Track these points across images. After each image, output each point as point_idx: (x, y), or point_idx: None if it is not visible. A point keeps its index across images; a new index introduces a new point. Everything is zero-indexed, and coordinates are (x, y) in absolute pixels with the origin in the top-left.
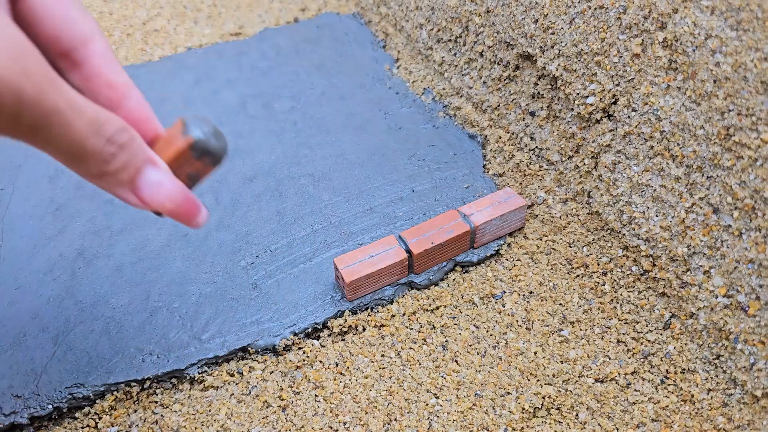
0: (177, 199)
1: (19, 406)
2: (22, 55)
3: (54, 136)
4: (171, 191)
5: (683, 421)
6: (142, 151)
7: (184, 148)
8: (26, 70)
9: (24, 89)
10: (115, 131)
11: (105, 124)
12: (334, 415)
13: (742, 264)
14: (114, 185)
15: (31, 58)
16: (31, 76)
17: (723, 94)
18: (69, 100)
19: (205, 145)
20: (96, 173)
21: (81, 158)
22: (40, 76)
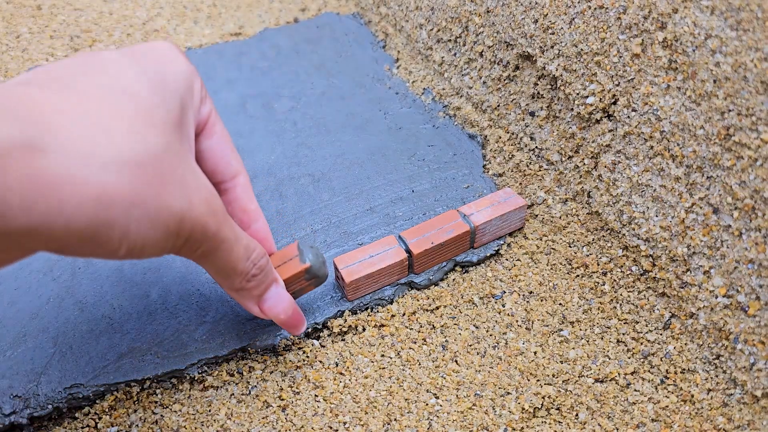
0: (289, 312)
1: (18, 406)
2: (211, 199)
3: (218, 258)
4: (286, 306)
5: (683, 421)
6: (271, 272)
7: (300, 272)
8: (213, 210)
9: (209, 225)
10: (257, 256)
11: (253, 251)
12: (334, 415)
13: (742, 264)
14: (246, 298)
15: (216, 200)
16: (215, 215)
17: (723, 94)
18: (234, 232)
19: (316, 272)
20: (237, 288)
21: (230, 276)
22: (220, 215)
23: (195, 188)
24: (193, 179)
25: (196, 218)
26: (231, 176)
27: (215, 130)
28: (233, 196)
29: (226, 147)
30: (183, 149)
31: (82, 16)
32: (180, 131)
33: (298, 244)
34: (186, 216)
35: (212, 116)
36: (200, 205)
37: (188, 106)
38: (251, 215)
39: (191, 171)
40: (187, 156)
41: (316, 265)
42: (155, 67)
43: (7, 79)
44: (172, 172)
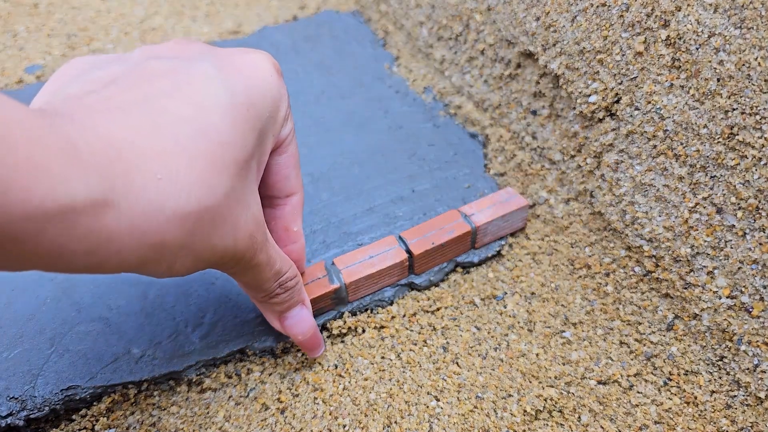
0: (308, 335)
1: (15, 408)
2: (255, 232)
3: (246, 277)
4: (306, 329)
5: (686, 423)
6: (299, 294)
7: (329, 292)
8: (253, 242)
9: (246, 256)
10: (286, 278)
11: (283, 274)
12: (334, 417)
13: (746, 264)
14: (268, 311)
15: (259, 231)
16: (254, 245)
17: (727, 93)
18: (269, 257)
19: (341, 293)
20: (260, 300)
21: (255, 291)
22: (260, 244)
23: (243, 224)
24: (244, 217)
25: (237, 251)
26: (286, 195)
27: (288, 148)
28: (281, 213)
29: (291, 166)
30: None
31: (79, 14)
32: (249, 167)
33: (327, 267)
34: (228, 250)
35: (290, 136)
36: (244, 240)
37: (269, 132)
38: (291, 236)
39: (246, 208)
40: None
41: (342, 289)
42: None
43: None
44: (228, 215)
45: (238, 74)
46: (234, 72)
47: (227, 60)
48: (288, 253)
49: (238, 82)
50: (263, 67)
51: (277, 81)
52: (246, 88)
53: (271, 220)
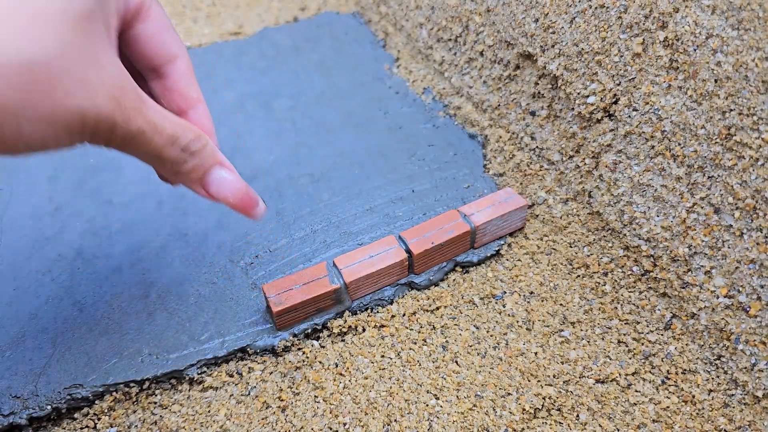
0: (238, 194)
1: (17, 407)
2: (117, 92)
3: (137, 148)
4: (234, 189)
5: (684, 422)
6: (212, 155)
7: (329, 291)
8: (121, 104)
9: (116, 119)
10: (189, 141)
11: (181, 137)
12: (334, 416)
13: (744, 264)
14: (187, 182)
15: (125, 93)
16: (123, 109)
17: (724, 94)
18: (151, 123)
19: (340, 294)
20: (172, 173)
21: (159, 162)
22: (130, 108)
23: (99, 83)
24: (96, 74)
25: (100, 113)
26: (167, 60)
27: (150, 14)
28: (171, 80)
29: (162, 31)
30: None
31: None
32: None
33: (326, 265)
34: (87, 112)
35: (147, 1)
36: (104, 100)
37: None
38: (189, 101)
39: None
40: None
41: (342, 289)
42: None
43: None
44: (72, 69)
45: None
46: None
47: None
48: (191, 120)
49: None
50: None
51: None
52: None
53: (165, 92)
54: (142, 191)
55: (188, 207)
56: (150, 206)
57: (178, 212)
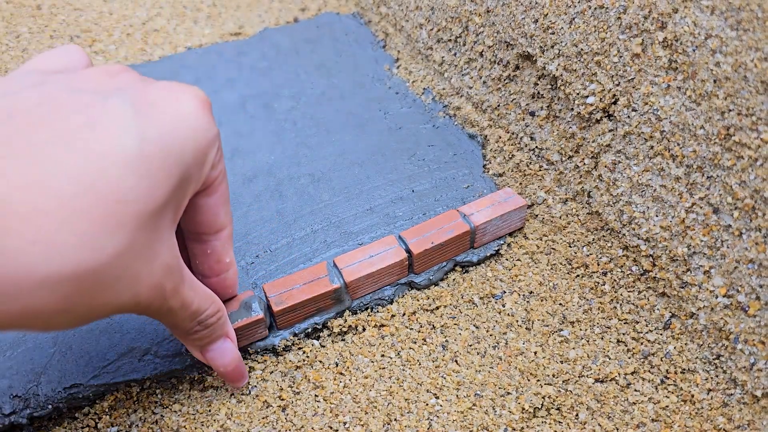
0: (229, 368)
1: (18, 407)
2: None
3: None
4: (228, 362)
5: (683, 421)
6: (222, 328)
7: (328, 291)
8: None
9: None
10: (206, 317)
11: (202, 313)
12: (334, 415)
13: (743, 264)
14: (189, 345)
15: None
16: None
17: (723, 94)
18: (182, 301)
19: (341, 293)
20: (179, 336)
21: (173, 328)
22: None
23: (147, 277)
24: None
25: (139, 303)
26: (215, 231)
27: (218, 189)
28: (212, 247)
29: (221, 205)
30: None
31: (81, 15)
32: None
33: (326, 265)
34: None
35: (219, 177)
36: (147, 293)
37: (191, 177)
38: (223, 267)
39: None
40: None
41: (340, 288)
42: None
43: None
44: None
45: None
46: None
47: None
48: (220, 281)
49: (152, 126)
50: (187, 107)
51: (205, 122)
52: (161, 134)
53: (201, 254)
54: None
55: None
56: None
57: None
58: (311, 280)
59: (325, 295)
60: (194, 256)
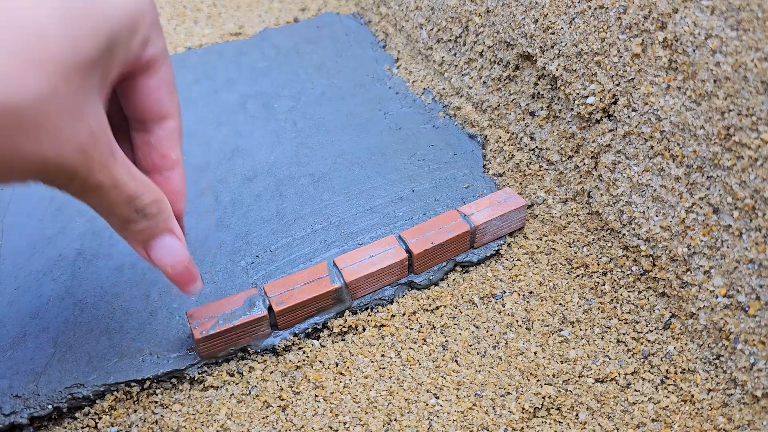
0: (179, 268)
1: (18, 406)
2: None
3: (91, 200)
4: (176, 260)
5: (683, 422)
6: (165, 221)
7: (329, 291)
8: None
9: (77, 171)
10: (146, 204)
11: (139, 197)
12: (334, 415)
13: (743, 264)
14: (131, 240)
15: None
16: (89, 161)
17: (723, 94)
18: (113, 179)
19: (341, 293)
20: (118, 227)
21: (109, 216)
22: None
23: (71, 134)
24: (71, 127)
25: (62, 164)
26: (159, 117)
27: (159, 71)
28: (155, 137)
29: (162, 89)
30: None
31: None
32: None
33: (327, 265)
34: (49, 162)
35: (160, 58)
36: (72, 152)
37: (118, 44)
38: (167, 162)
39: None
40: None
41: (341, 287)
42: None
43: None
44: (47, 120)
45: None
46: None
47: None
48: (166, 180)
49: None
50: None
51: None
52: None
53: (145, 145)
54: None
55: (188, 207)
56: None
57: None
58: (311, 280)
59: (325, 295)
60: (137, 149)
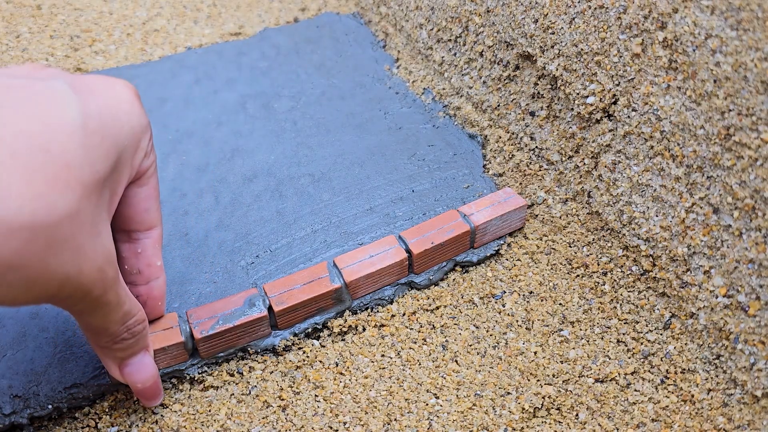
0: (147, 384)
1: (18, 406)
2: (104, 266)
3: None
4: (146, 377)
5: (683, 421)
6: (145, 339)
7: (329, 291)
8: (102, 277)
9: (93, 291)
10: (134, 323)
11: (131, 317)
12: (334, 415)
13: (743, 264)
14: (109, 357)
15: (109, 267)
16: (103, 282)
17: (723, 94)
18: (118, 297)
19: (341, 293)
20: (103, 345)
21: (99, 334)
22: (109, 281)
23: (91, 254)
24: (91, 245)
25: (82, 283)
26: (146, 227)
27: (149, 182)
28: (142, 248)
29: (151, 200)
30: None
31: (82, 15)
32: (99, 192)
33: (327, 265)
34: (70, 281)
35: (151, 169)
36: (90, 272)
37: (126, 161)
38: (153, 271)
39: (94, 235)
40: (96, 219)
41: (341, 287)
42: (102, 116)
43: None
44: (71, 238)
45: (93, 97)
46: (89, 95)
47: (84, 83)
48: (149, 289)
49: (92, 104)
50: (122, 94)
51: (138, 110)
52: (101, 113)
53: (131, 256)
54: None
55: (188, 207)
56: None
57: (179, 212)
58: (311, 280)
59: (325, 295)
60: (124, 260)
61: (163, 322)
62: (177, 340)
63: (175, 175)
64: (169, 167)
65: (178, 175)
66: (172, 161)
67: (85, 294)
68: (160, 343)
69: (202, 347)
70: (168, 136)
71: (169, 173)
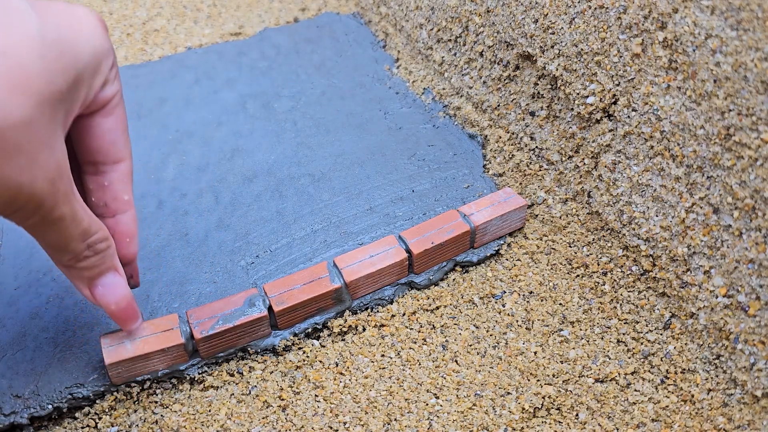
0: (122, 304)
1: (18, 406)
2: (56, 177)
3: (48, 233)
4: (119, 298)
5: (683, 421)
6: (111, 259)
7: (329, 291)
8: (55, 189)
9: (45, 201)
10: (95, 240)
11: (92, 234)
12: (334, 415)
13: (743, 264)
14: (76, 278)
15: (63, 180)
16: (55, 193)
17: (723, 94)
18: (73, 212)
19: (341, 293)
20: (66, 264)
21: (59, 252)
22: (61, 194)
23: (44, 165)
24: (45, 156)
25: (34, 193)
26: (113, 160)
27: (115, 112)
28: (109, 180)
29: (117, 131)
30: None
31: None
32: (54, 106)
33: (327, 265)
34: (23, 189)
35: (116, 99)
36: (43, 182)
37: (84, 81)
38: (120, 205)
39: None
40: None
41: (341, 286)
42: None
43: None
44: (26, 145)
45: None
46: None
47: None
48: (116, 222)
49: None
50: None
51: (101, 34)
52: (60, 30)
53: (98, 188)
54: (142, 191)
55: (188, 207)
56: (150, 206)
57: (179, 212)
58: (311, 280)
59: (325, 295)
60: (90, 192)
61: (164, 324)
62: (177, 342)
63: (175, 175)
64: (169, 167)
65: (178, 175)
66: (172, 161)
67: (37, 206)
68: (160, 344)
69: (202, 347)
70: (168, 136)
71: (169, 173)
